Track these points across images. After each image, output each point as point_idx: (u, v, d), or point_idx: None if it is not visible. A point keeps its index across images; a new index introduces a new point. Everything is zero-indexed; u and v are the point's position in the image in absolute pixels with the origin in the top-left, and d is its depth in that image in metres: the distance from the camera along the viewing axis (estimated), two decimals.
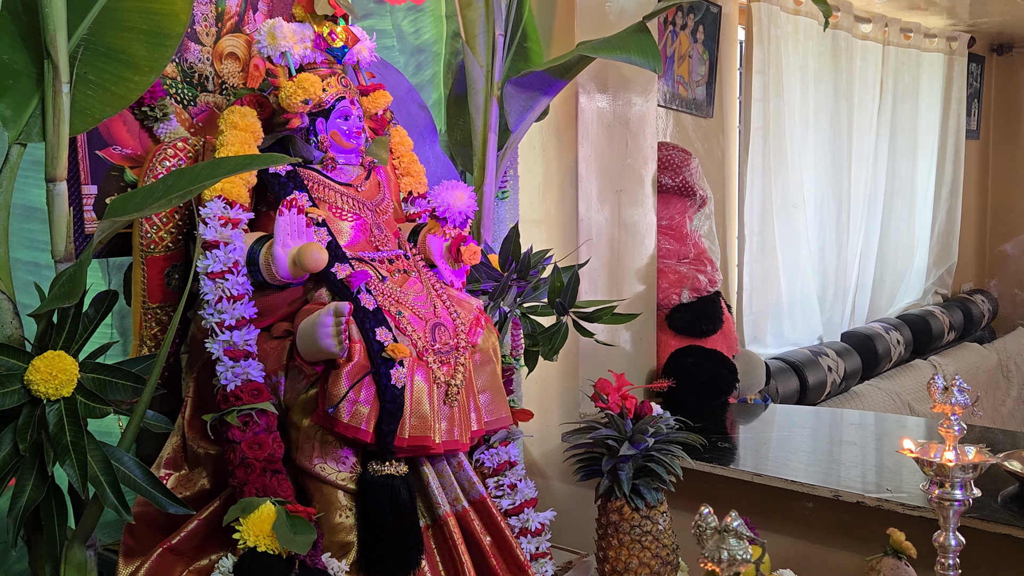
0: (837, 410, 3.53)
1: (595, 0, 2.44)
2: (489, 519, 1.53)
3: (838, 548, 1.93)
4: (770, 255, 3.78)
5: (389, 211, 1.64)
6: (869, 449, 2.71)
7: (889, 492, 2.05)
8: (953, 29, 5.21)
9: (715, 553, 0.84)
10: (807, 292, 4.06)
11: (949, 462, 1.39)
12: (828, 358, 3.79)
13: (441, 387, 1.43)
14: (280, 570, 1.10)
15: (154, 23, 1.31)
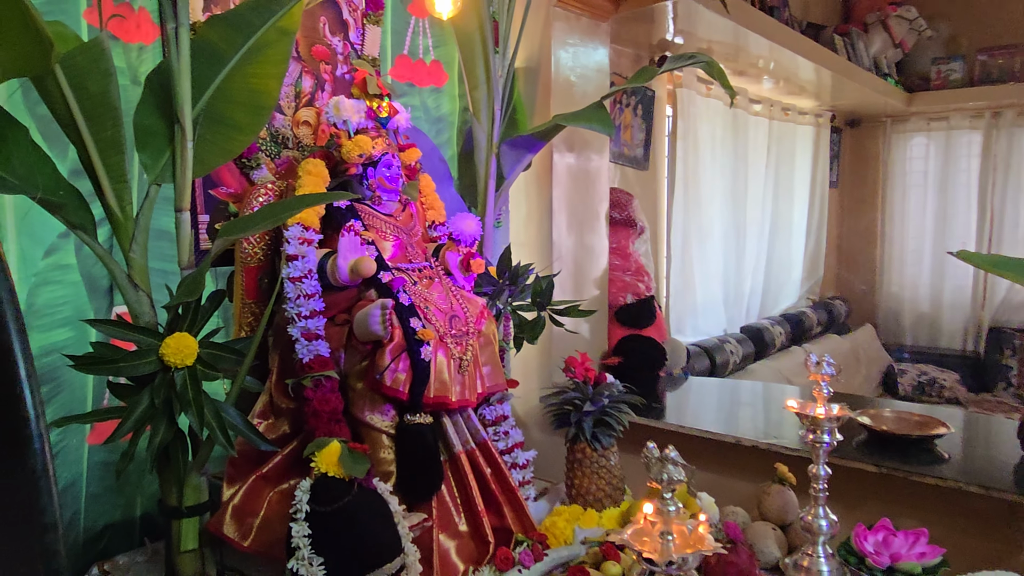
0: (737, 381, 3.52)
1: (565, 84, 2.40)
2: (489, 456, 1.50)
3: (740, 479, 1.90)
4: (688, 270, 3.74)
5: (418, 234, 1.61)
6: (760, 409, 2.71)
7: (775, 439, 2.04)
8: (819, 108, 5.19)
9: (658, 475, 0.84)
10: (715, 297, 4.02)
11: (820, 415, 1.36)
12: (730, 344, 3.77)
13: (456, 361, 1.40)
14: (344, 489, 1.08)
15: (254, 99, 1.30)
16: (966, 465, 1.84)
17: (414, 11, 2.00)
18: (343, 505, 1.06)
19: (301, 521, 1.04)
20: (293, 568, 1.03)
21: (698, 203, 3.79)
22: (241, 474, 1.37)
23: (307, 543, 1.03)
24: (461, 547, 1.41)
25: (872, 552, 1.37)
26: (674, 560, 0.79)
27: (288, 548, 1.05)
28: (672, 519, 0.82)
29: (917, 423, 1.98)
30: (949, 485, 1.69)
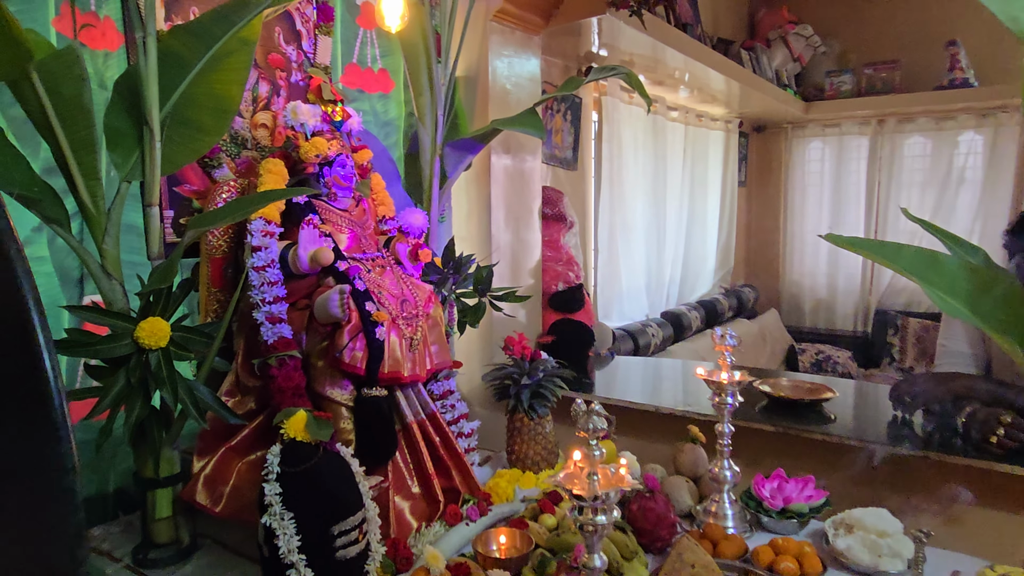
0: (658, 360, 3.57)
1: (501, 92, 2.41)
2: (438, 426, 1.52)
3: (659, 442, 1.96)
4: (614, 260, 3.77)
5: (370, 227, 1.62)
6: (677, 382, 2.77)
7: (689, 406, 2.12)
8: (729, 115, 5.29)
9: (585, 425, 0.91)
10: (638, 285, 4.07)
11: (724, 380, 1.43)
12: (652, 328, 3.82)
13: (407, 340, 1.42)
14: (310, 452, 1.11)
15: (218, 103, 1.31)
16: (848, 423, 1.94)
17: (362, 23, 2.01)
18: (310, 466, 1.09)
19: (272, 481, 1.07)
20: (266, 523, 1.06)
21: (622, 200, 3.82)
22: (210, 447, 1.39)
23: (279, 500, 1.06)
24: (414, 507, 1.44)
25: (768, 497, 1.49)
26: (599, 495, 0.87)
27: (261, 507, 1.08)
28: (597, 462, 0.90)
29: (808, 389, 2.10)
30: (833, 440, 1.80)
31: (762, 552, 1.32)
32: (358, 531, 1.12)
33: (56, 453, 0.60)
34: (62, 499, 0.58)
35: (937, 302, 0.72)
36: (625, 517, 1.38)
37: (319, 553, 1.07)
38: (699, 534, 1.39)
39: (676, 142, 4.54)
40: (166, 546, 1.34)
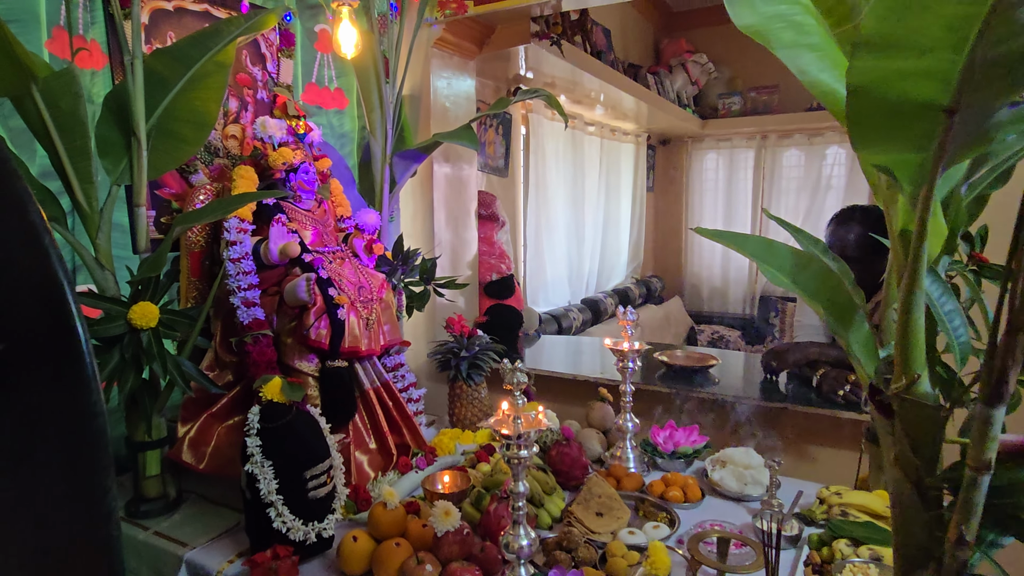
0: (578, 338, 3.68)
1: (441, 109, 2.46)
2: (391, 392, 1.60)
3: (576, 404, 2.05)
4: (540, 254, 3.87)
5: (331, 225, 1.67)
6: (593, 356, 2.89)
7: (600, 374, 2.28)
8: (638, 130, 5.45)
9: (511, 380, 1.02)
10: (561, 275, 4.17)
11: (625, 349, 1.54)
12: (573, 312, 3.93)
13: (364, 320, 1.49)
14: (285, 411, 1.18)
15: (198, 117, 1.36)
16: (728, 385, 2.13)
17: (320, 48, 2.05)
18: (286, 422, 1.17)
19: (254, 435, 1.15)
20: (249, 470, 1.13)
21: (546, 202, 3.92)
22: (193, 414, 1.44)
23: (259, 451, 1.14)
24: (372, 460, 1.54)
25: (661, 443, 1.65)
26: (521, 434, 0.99)
27: (243, 457, 1.15)
28: (520, 409, 1.02)
29: (697, 358, 2.28)
30: (715, 397, 1.97)
31: (655, 485, 1.48)
32: (326, 475, 1.21)
33: (88, 401, 0.68)
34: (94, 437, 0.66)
35: (769, 277, 0.87)
36: (547, 461, 1.51)
37: (294, 494, 1.15)
38: (606, 473, 1.54)
39: (593, 153, 4.65)
40: (155, 500, 1.40)
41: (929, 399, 0.68)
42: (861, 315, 0.79)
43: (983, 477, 0.61)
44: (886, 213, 0.69)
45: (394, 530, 1.18)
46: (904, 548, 0.71)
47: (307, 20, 1.97)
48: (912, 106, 0.53)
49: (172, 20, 1.59)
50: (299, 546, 1.16)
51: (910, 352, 0.67)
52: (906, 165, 0.59)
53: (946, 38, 0.47)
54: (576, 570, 1.03)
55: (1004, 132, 0.56)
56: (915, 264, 0.63)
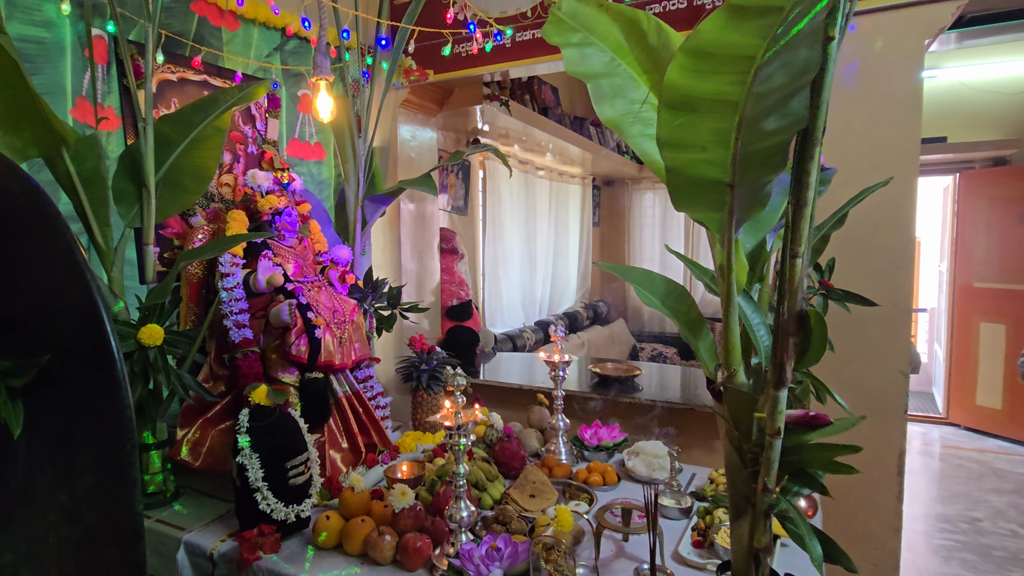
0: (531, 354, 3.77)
1: (407, 159, 2.59)
2: (361, 400, 1.70)
3: (522, 410, 2.08)
4: (497, 283, 3.99)
5: (310, 259, 1.78)
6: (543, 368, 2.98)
7: (542, 384, 2.43)
8: (584, 173, 5.64)
9: (452, 382, 1.15)
10: (515, 301, 4.29)
11: (556, 360, 1.70)
12: (527, 333, 4.00)
13: (337, 339, 1.60)
14: (270, 412, 1.29)
15: (198, 172, 1.48)
16: (649, 391, 2.27)
17: (302, 109, 2.18)
18: (271, 422, 1.29)
19: (244, 433, 1.26)
20: (239, 462, 1.25)
21: (502, 237, 4.06)
22: (190, 420, 1.54)
23: (248, 445, 1.26)
24: (344, 457, 1.65)
25: (588, 438, 1.80)
26: (460, 424, 1.14)
27: (235, 451, 1.26)
28: (460, 406, 1.17)
29: (625, 369, 2.45)
30: (635, 401, 2.13)
31: (580, 472, 1.63)
32: (304, 466, 1.33)
33: (118, 396, 0.81)
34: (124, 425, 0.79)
35: (644, 300, 1.04)
36: (491, 455, 1.65)
37: (277, 481, 1.27)
38: (541, 464, 1.68)
39: (543, 194, 4.81)
40: (156, 494, 1.49)
41: (744, 387, 0.86)
42: (707, 327, 0.97)
43: (776, 441, 0.79)
44: (712, 254, 0.88)
45: (360, 509, 1.31)
46: (733, 498, 0.88)
47: (291, 86, 2.12)
48: (706, 182, 0.71)
49: (176, 88, 1.72)
50: (281, 525, 1.27)
51: (730, 353, 0.85)
52: (712, 220, 0.77)
53: (715, 140, 0.66)
54: (506, 534, 1.18)
55: (769, 197, 0.74)
56: (728, 289, 0.82)
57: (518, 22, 2.20)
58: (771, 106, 0.64)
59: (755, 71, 0.56)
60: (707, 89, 0.59)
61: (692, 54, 0.55)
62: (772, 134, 0.66)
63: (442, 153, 3.15)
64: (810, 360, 0.77)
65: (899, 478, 1.77)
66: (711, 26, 0.52)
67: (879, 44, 1.75)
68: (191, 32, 1.75)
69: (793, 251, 0.70)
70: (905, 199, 1.74)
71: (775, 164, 0.70)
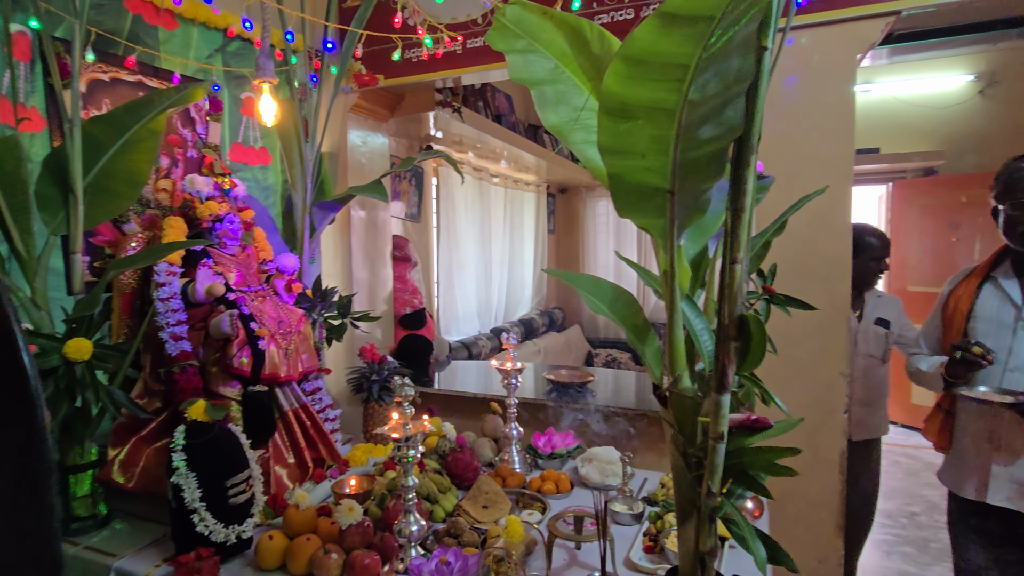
0: (486, 362, 3.76)
1: (357, 164, 2.54)
2: (309, 414, 1.65)
3: (477, 419, 2.11)
4: (451, 291, 3.97)
5: (254, 268, 1.72)
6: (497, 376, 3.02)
7: (497, 392, 2.42)
8: (539, 181, 5.69)
9: (400, 392, 1.13)
10: (471, 309, 4.27)
11: (508, 368, 1.68)
12: (482, 340, 4.03)
13: (283, 350, 1.55)
14: (208, 428, 1.24)
15: (131, 176, 1.42)
16: (603, 397, 2.29)
17: (245, 112, 2.11)
18: (209, 438, 1.23)
19: (179, 451, 1.20)
20: (175, 482, 1.19)
21: (457, 245, 4.05)
22: (122, 439, 1.46)
23: (184, 464, 1.20)
24: (290, 473, 1.59)
25: (541, 446, 1.80)
26: (409, 436, 1.11)
27: (169, 470, 1.21)
28: (408, 416, 1.14)
29: (578, 375, 2.47)
30: (589, 408, 2.13)
31: (534, 481, 1.62)
32: (246, 484, 1.28)
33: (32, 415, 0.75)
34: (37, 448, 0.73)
35: (592, 306, 1.04)
36: (444, 466, 1.63)
37: (216, 501, 1.22)
38: (494, 474, 1.67)
39: (499, 201, 4.84)
40: (85, 519, 1.40)
41: (688, 392, 0.87)
42: (653, 333, 0.98)
43: (719, 444, 0.80)
44: (656, 260, 0.89)
45: (306, 528, 1.26)
46: (679, 502, 0.89)
47: (233, 88, 2.05)
48: (647, 188, 0.72)
49: (108, 89, 1.64)
50: (220, 547, 1.21)
51: (674, 358, 0.86)
52: (654, 227, 0.78)
53: (654, 148, 0.66)
54: (457, 547, 1.16)
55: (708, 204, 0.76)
56: (672, 295, 0.82)
57: (469, 29, 2.20)
58: (706, 114, 0.65)
59: (689, 79, 0.56)
60: (644, 96, 0.59)
61: (627, 61, 0.55)
62: (708, 142, 0.67)
63: (394, 159, 3.11)
64: (751, 364, 0.78)
65: (842, 476, 1.83)
66: (645, 33, 0.52)
67: (815, 58, 1.82)
68: (124, 30, 1.67)
69: (733, 257, 0.71)
70: (841, 207, 1.81)
71: (713, 171, 0.71)
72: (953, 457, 1.76)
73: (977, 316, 1.65)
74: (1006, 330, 1.58)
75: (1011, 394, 1.50)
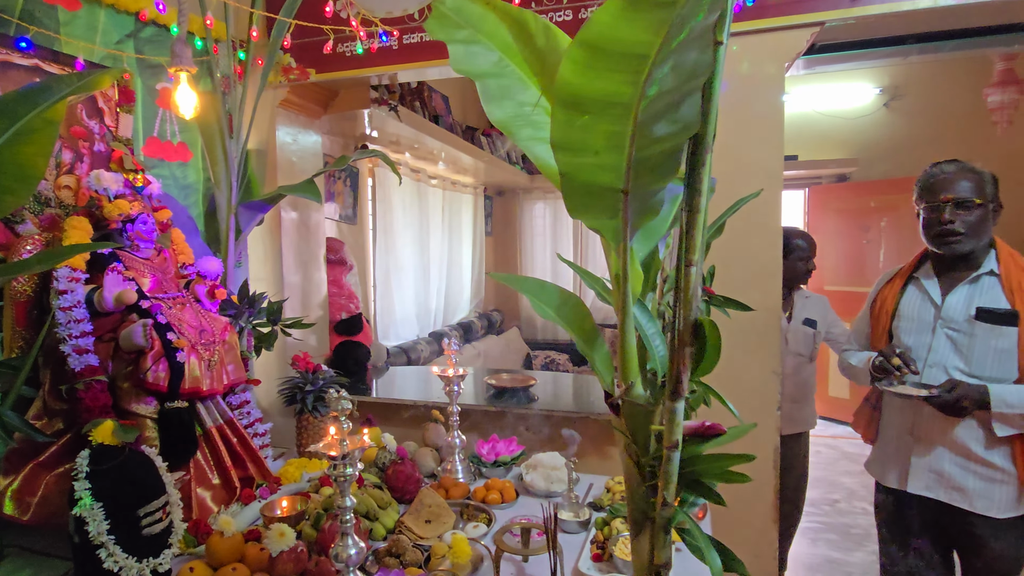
0: (425, 368, 3.67)
1: (287, 163, 2.41)
2: (235, 430, 1.55)
3: (418, 428, 2.04)
4: (389, 294, 3.86)
5: (172, 272, 1.61)
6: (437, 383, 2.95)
7: (438, 399, 2.34)
8: (476, 183, 5.65)
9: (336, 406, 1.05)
10: (409, 312, 4.17)
11: (451, 374, 1.66)
12: (421, 345, 3.93)
13: (205, 362, 1.45)
14: (118, 452, 1.11)
15: (23, 171, 1.23)
16: (544, 400, 2.25)
17: (161, 104, 1.92)
18: (118, 463, 1.10)
19: (83, 479, 1.07)
20: (77, 513, 1.06)
21: (394, 247, 3.94)
22: (16, 466, 1.30)
23: (88, 493, 1.06)
24: (215, 495, 1.48)
25: (485, 454, 1.75)
26: (346, 453, 1.03)
27: (71, 502, 1.07)
28: (346, 432, 1.06)
29: (520, 379, 2.43)
30: (532, 412, 2.10)
31: (478, 491, 1.57)
32: (162, 512, 1.15)
33: None
34: None
35: (538, 311, 1.00)
36: (384, 480, 1.55)
37: (127, 532, 1.09)
38: (437, 485, 1.60)
39: (436, 203, 4.74)
40: None
41: (641, 399, 0.83)
42: (602, 339, 0.94)
43: (674, 453, 0.77)
44: (607, 262, 0.85)
45: (231, 557, 1.15)
46: (632, 513, 0.85)
47: (148, 78, 1.89)
48: (600, 188, 0.68)
49: None
50: None
51: (626, 364, 0.82)
52: (607, 228, 0.74)
53: (608, 145, 0.62)
54: (399, 569, 1.08)
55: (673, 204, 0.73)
56: (624, 299, 0.79)
57: (405, 23, 2.12)
58: (661, 110, 0.61)
59: (647, 71, 0.53)
60: (600, 88, 0.55)
61: (585, 47, 0.51)
62: (663, 139, 0.64)
63: (328, 159, 2.98)
64: (704, 369, 0.76)
65: (775, 471, 1.87)
66: (605, 17, 0.48)
67: (745, 66, 1.86)
68: (16, 8, 1.49)
69: (688, 259, 0.68)
70: (771, 210, 1.85)
71: (667, 170, 0.68)
72: (878, 449, 1.84)
73: (901, 315, 1.72)
74: (926, 328, 1.66)
75: (927, 388, 1.57)
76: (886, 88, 5.22)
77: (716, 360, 0.73)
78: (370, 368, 2.93)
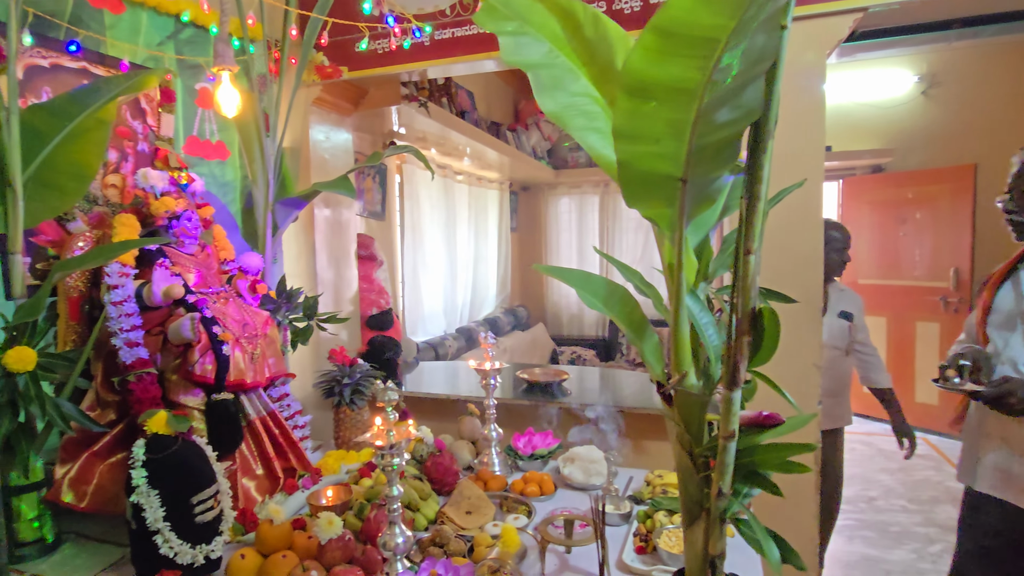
0: (454, 362, 3.72)
1: (321, 160, 2.44)
2: (277, 421, 1.57)
3: (451, 421, 2.05)
4: (417, 290, 3.89)
5: (215, 268, 1.63)
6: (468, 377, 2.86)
7: (470, 393, 2.37)
8: (502, 179, 5.66)
9: (382, 397, 1.06)
10: (436, 308, 4.20)
11: (487, 368, 1.64)
12: (448, 340, 3.98)
13: (248, 355, 1.47)
14: (171, 442, 1.15)
15: (78, 170, 1.30)
16: (578, 394, 2.28)
17: (200, 104, 1.99)
18: (172, 452, 1.14)
19: (139, 467, 1.10)
20: (135, 501, 1.09)
21: (421, 243, 3.97)
22: (72, 455, 1.35)
23: (144, 481, 1.10)
24: (259, 485, 1.51)
25: (521, 448, 1.75)
26: (393, 444, 1.05)
27: (128, 489, 1.10)
28: (392, 423, 1.08)
29: (553, 373, 2.44)
30: (566, 405, 2.12)
31: (516, 483, 1.58)
32: (213, 500, 1.18)
33: None
34: None
35: (586, 302, 1.00)
36: (423, 471, 1.56)
37: (181, 519, 1.12)
38: (475, 477, 1.61)
39: (462, 199, 4.77)
40: (32, 543, 1.28)
41: (695, 389, 0.83)
42: (651, 329, 0.94)
43: (730, 443, 0.77)
44: (659, 252, 0.85)
45: (280, 544, 1.18)
46: (686, 504, 0.85)
47: (188, 79, 1.92)
48: (658, 176, 0.68)
49: (48, 76, 1.51)
50: (187, 569, 1.12)
51: (680, 354, 0.82)
52: (663, 217, 0.74)
53: (669, 132, 0.62)
54: (446, 559, 1.10)
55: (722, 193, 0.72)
56: (678, 289, 0.79)
57: (437, 19, 2.13)
58: (724, 96, 0.61)
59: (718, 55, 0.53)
60: (669, 75, 0.55)
61: (658, 32, 0.51)
62: (724, 126, 0.64)
63: (358, 156, 3.01)
64: (762, 359, 0.75)
65: (816, 467, 1.85)
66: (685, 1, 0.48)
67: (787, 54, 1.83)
68: (66, 13, 1.54)
69: (747, 247, 0.68)
70: (812, 202, 1.82)
71: (726, 157, 0.67)
72: (963, 447, 1.79)
73: (995, 308, 1.66)
74: (1011, 323, 1.60)
75: (981, 384, 1.53)
76: (924, 76, 5.09)
77: (774, 349, 0.73)
78: (400, 363, 2.96)
